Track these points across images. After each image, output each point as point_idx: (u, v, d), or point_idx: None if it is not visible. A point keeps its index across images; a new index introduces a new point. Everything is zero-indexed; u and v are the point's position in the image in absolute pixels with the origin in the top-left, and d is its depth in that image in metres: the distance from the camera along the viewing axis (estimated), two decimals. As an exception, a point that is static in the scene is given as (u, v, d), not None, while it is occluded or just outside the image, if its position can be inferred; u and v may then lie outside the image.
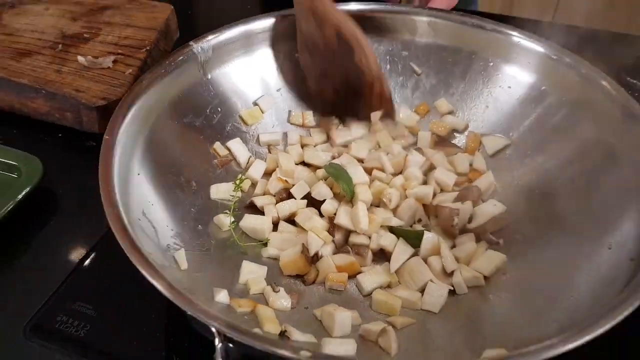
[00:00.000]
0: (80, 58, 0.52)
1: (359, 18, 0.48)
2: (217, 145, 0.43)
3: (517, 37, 0.43)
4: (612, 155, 0.35)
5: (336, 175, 0.39)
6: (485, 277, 0.35)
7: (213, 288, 0.32)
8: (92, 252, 0.40)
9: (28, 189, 0.43)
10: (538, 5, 1.47)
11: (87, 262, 0.40)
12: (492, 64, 0.44)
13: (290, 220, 0.40)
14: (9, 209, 0.41)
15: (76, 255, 0.40)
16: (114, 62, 0.52)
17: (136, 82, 0.40)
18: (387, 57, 0.50)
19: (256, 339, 0.25)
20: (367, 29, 0.48)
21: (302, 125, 0.47)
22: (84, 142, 0.50)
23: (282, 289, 0.35)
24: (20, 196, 0.42)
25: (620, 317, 0.25)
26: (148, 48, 0.54)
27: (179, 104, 0.41)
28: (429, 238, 0.36)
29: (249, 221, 0.40)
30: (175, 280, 0.28)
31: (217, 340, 0.25)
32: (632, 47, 0.64)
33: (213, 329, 0.25)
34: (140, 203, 0.34)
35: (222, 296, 0.32)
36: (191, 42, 0.42)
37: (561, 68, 0.40)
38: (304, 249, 0.37)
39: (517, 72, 0.43)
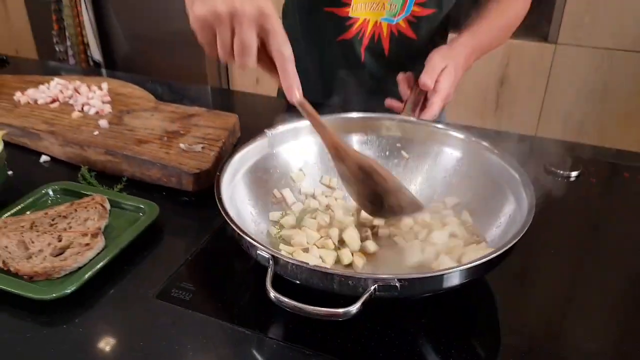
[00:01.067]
0: (181, 145, 0.78)
1: (367, 121, 0.75)
2: (275, 191, 0.68)
3: (450, 131, 0.69)
4: (499, 185, 0.60)
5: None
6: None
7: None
8: (189, 258, 0.63)
9: (149, 222, 0.66)
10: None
11: (187, 263, 0.63)
12: (442, 149, 0.70)
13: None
14: (137, 233, 0.65)
15: (179, 259, 0.63)
16: (202, 148, 0.79)
17: (233, 150, 0.66)
18: (387, 147, 0.75)
19: (291, 259, 0.47)
20: (372, 129, 0.75)
21: (328, 186, 0.72)
22: (181, 198, 0.74)
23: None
24: (144, 227, 0.66)
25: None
26: (223, 141, 0.81)
27: (255, 164, 0.67)
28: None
29: (286, 232, 0.63)
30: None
31: (270, 262, 0.48)
32: (556, 149, 0.90)
33: (267, 255, 0.48)
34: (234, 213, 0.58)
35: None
36: (265, 130, 0.69)
37: (474, 146, 0.67)
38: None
39: (453, 152, 0.69)
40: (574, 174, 0.80)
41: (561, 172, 0.81)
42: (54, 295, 0.54)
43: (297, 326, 0.47)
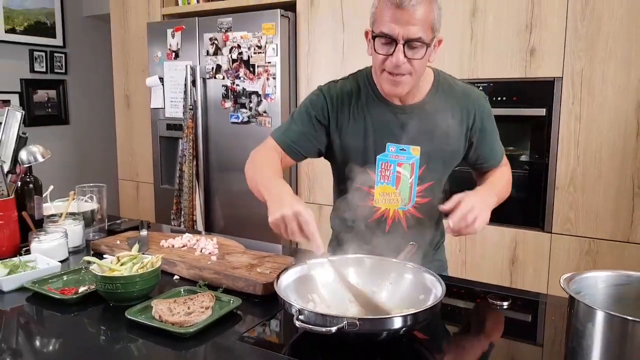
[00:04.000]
0: (257, 269, 1.32)
1: (366, 260, 1.25)
2: (309, 295, 1.16)
3: (408, 265, 1.18)
4: (427, 286, 1.06)
5: None
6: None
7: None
8: (254, 326, 1.12)
9: (234, 307, 1.17)
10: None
11: (253, 328, 1.11)
12: (404, 275, 1.18)
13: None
14: (227, 311, 1.15)
15: (249, 326, 1.11)
16: (269, 272, 1.31)
17: (287, 268, 1.18)
18: (379, 277, 1.24)
19: (306, 309, 0.95)
20: (369, 266, 1.24)
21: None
22: (254, 299, 1.25)
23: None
24: (232, 308, 1.16)
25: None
26: (282, 269, 1.34)
27: (298, 278, 1.17)
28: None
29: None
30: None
31: (297, 312, 0.95)
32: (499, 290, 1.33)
33: (295, 308, 0.96)
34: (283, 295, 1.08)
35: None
36: (306, 261, 1.21)
37: (417, 270, 1.14)
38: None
39: (408, 274, 1.17)
40: (505, 303, 1.23)
41: (497, 302, 1.24)
42: (182, 331, 1.05)
43: (317, 351, 0.92)
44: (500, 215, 2.22)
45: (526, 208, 2.27)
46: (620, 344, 0.76)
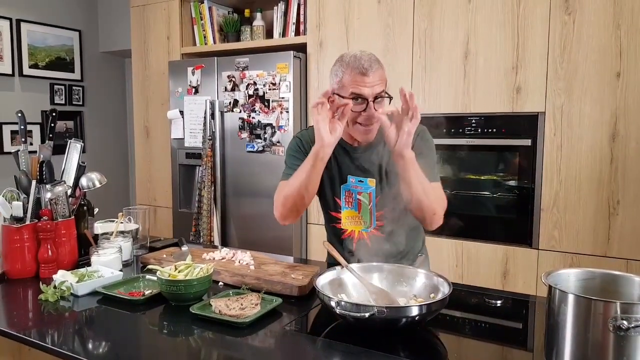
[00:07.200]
0: (292, 275, 1.57)
1: (378, 267, 1.51)
2: (338, 294, 1.41)
3: (419, 270, 1.43)
4: (436, 285, 1.32)
5: None
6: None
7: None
8: (294, 319, 1.37)
9: (276, 305, 1.41)
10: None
11: (292, 322, 1.36)
12: (416, 279, 1.44)
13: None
14: (271, 308, 1.40)
15: (290, 319, 1.36)
16: (302, 277, 1.57)
17: (324, 271, 1.43)
18: (395, 281, 1.50)
19: (342, 300, 1.20)
20: (386, 271, 1.50)
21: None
22: (290, 299, 1.49)
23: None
24: (274, 306, 1.41)
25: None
26: (312, 276, 1.59)
27: (331, 280, 1.42)
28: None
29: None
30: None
31: (336, 305, 1.20)
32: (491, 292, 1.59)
33: (334, 301, 1.21)
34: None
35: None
36: (337, 267, 1.47)
37: (428, 275, 1.39)
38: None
39: (422, 278, 1.42)
40: (499, 302, 1.50)
41: (492, 301, 1.50)
42: (240, 321, 1.29)
43: (348, 337, 1.17)
44: (493, 234, 2.49)
45: (515, 227, 2.54)
46: (585, 318, 1.02)
